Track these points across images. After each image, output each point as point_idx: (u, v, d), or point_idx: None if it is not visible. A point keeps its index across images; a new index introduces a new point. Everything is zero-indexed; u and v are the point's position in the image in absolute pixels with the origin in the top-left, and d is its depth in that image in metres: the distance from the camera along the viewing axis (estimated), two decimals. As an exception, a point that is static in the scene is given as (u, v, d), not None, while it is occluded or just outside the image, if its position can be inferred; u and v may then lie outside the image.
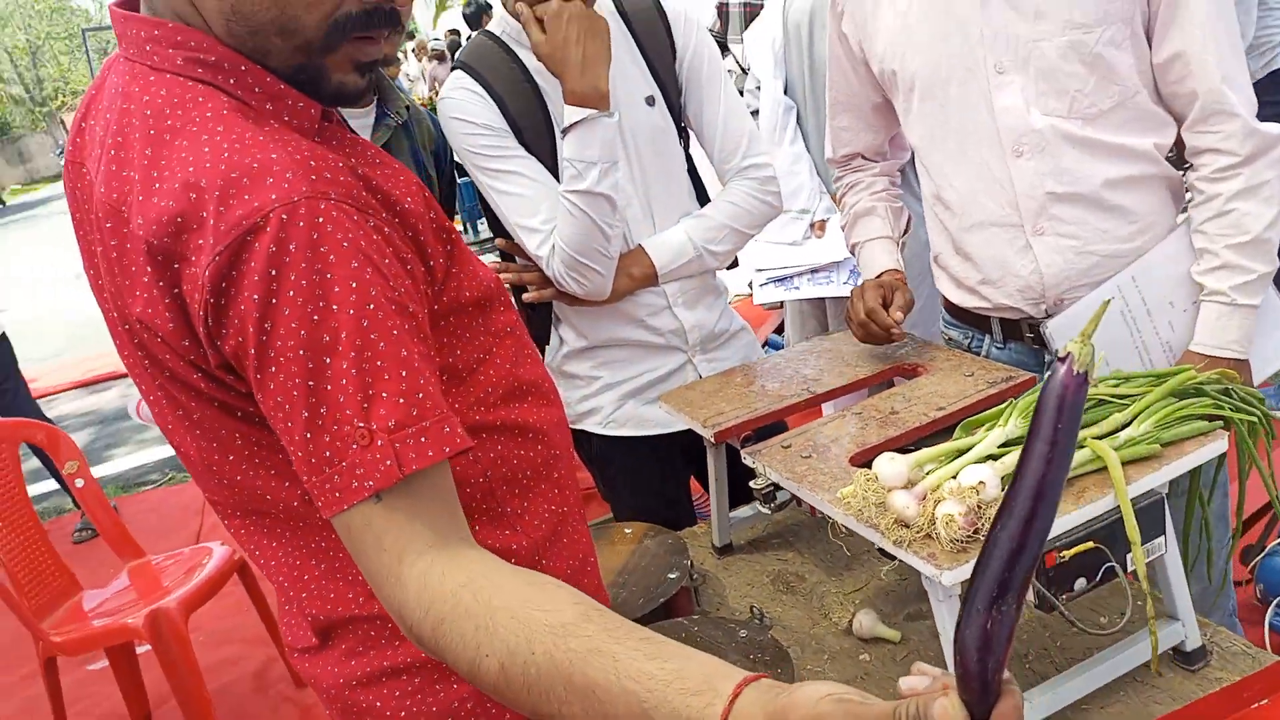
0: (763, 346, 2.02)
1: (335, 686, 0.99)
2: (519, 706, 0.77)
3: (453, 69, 1.73)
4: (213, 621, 3.22)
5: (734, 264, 1.97)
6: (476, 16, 8.80)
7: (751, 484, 1.41)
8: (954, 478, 1.12)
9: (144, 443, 5.84)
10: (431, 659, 0.95)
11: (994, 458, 1.17)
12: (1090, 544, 1.11)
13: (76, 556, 3.83)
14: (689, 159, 1.88)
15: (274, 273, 0.78)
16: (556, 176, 1.66)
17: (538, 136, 1.67)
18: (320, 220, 0.79)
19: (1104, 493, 1.13)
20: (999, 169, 1.54)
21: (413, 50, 11.76)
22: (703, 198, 1.88)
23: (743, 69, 3.47)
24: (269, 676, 2.94)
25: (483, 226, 8.64)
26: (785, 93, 2.84)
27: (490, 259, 1.64)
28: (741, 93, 3.19)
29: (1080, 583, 1.12)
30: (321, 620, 0.97)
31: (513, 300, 1.09)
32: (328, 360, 0.78)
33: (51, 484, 4.38)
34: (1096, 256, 1.55)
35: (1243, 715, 1.16)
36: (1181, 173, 1.57)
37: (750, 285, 3.10)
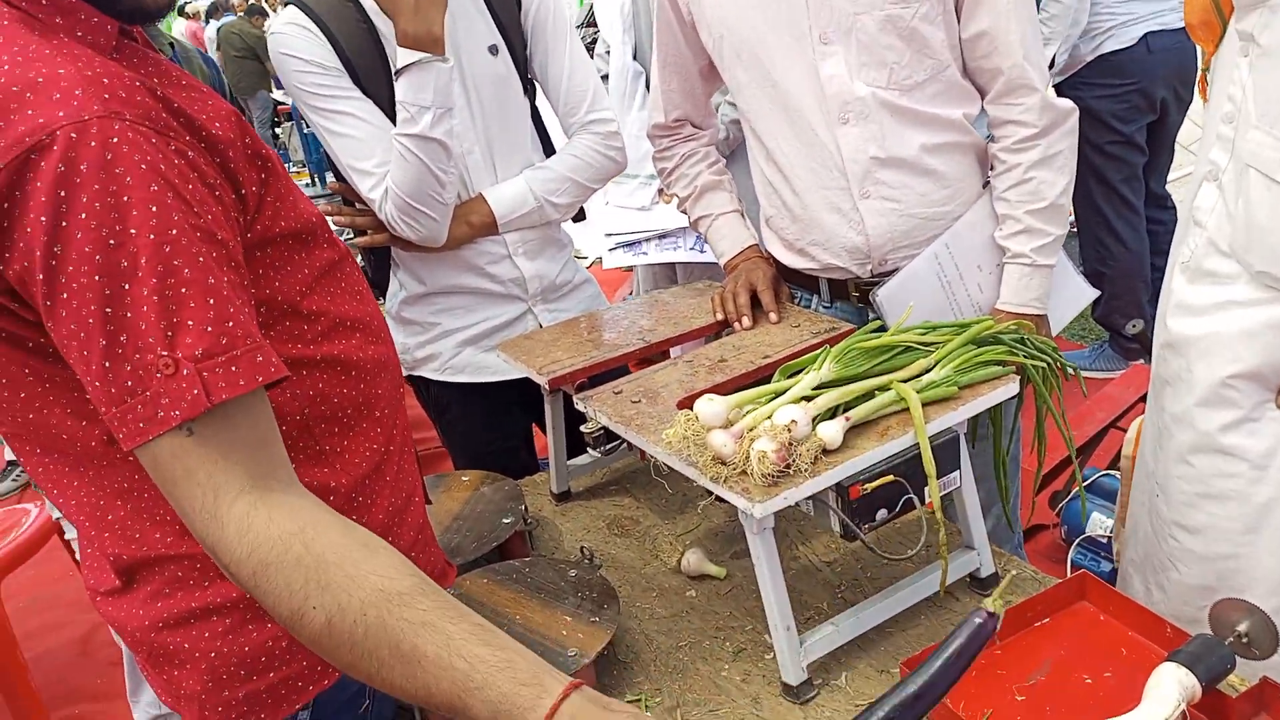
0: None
1: (141, 629, 0.96)
2: (335, 660, 0.78)
3: (285, 3, 1.66)
4: (32, 588, 3.05)
5: (580, 216, 1.99)
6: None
7: (582, 428, 1.44)
8: (769, 418, 1.18)
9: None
10: (242, 599, 0.94)
11: (808, 399, 1.23)
12: (891, 477, 1.19)
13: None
14: (535, 111, 1.88)
15: (63, 194, 0.74)
16: (394, 120, 1.63)
17: (374, 78, 1.63)
18: (115, 140, 0.76)
19: (906, 431, 1.21)
20: (825, 135, 1.60)
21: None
22: (549, 151, 1.88)
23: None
24: (95, 642, 2.80)
25: (331, 179, 8.31)
26: (634, 58, 2.85)
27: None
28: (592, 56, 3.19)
29: (881, 513, 1.20)
30: (125, 560, 0.94)
31: (338, 237, 1.07)
32: (126, 286, 0.75)
33: None
34: (916, 219, 1.65)
35: (1028, 632, 1.28)
36: (986, 140, 1.68)
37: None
